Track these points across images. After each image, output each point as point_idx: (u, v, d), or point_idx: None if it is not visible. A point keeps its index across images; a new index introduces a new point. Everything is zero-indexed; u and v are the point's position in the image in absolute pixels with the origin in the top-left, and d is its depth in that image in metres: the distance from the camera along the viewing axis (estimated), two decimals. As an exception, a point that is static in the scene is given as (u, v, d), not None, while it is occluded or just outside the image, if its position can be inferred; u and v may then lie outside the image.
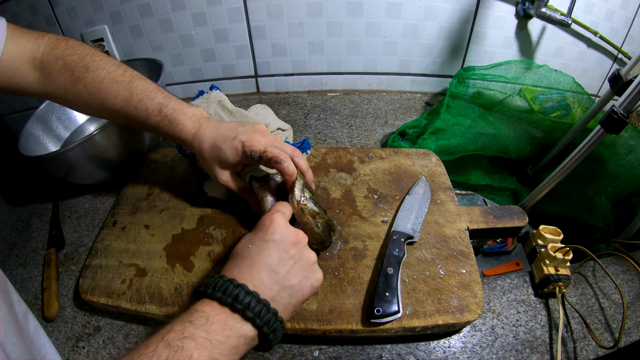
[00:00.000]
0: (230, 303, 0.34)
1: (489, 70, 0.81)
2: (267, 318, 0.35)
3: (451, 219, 0.56)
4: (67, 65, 0.48)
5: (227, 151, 0.48)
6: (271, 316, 0.35)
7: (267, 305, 0.35)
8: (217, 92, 0.70)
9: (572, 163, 0.59)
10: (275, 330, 0.35)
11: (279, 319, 0.36)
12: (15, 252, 0.62)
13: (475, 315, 0.45)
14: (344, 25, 0.84)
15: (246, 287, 0.35)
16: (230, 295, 0.34)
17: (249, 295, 0.34)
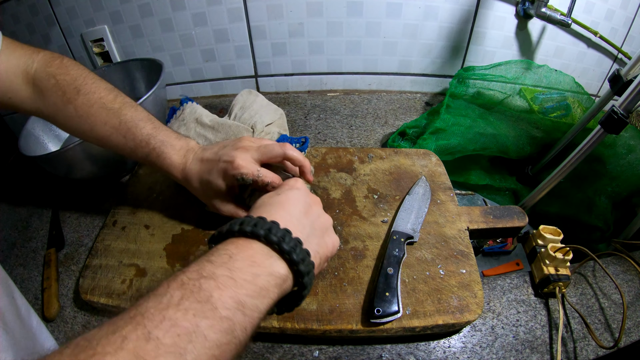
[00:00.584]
0: (264, 235, 0.30)
1: (489, 70, 0.81)
2: (302, 255, 0.31)
3: (451, 219, 0.56)
4: (59, 84, 0.47)
5: (216, 181, 0.47)
6: (305, 254, 0.32)
7: (301, 243, 0.32)
8: (191, 107, 0.68)
9: (572, 163, 0.59)
10: (309, 272, 0.32)
11: (312, 262, 0.33)
12: (15, 252, 0.62)
13: (475, 315, 0.45)
14: (344, 25, 0.84)
15: (278, 224, 0.32)
16: (263, 227, 0.31)
17: (283, 230, 0.31)
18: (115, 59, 0.89)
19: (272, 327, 0.45)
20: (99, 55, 0.89)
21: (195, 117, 0.66)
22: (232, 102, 0.71)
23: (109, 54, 0.89)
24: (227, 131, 0.65)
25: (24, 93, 0.47)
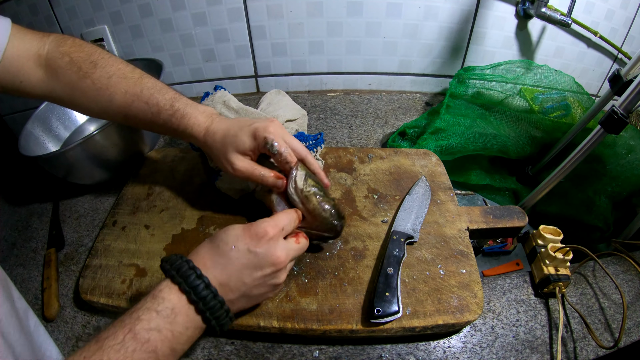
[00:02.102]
0: (201, 310, 0.35)
1: (489, 70, 0.81)
2: (221, 319, 0.37)
3: (451, 219, 0.56)
4: (73, 61, 0.47)
5: (244, 137, 0.47)
6: (224, 316, 0.37)
7: (225, 309, 0.37)
8: (222, 92, 0.70)
9: (572, 163, 0.59)
10: (222, 325, 0.38)
11: (229, 316, 0.38)
12: (15, 252, 0.62)
13: (475, 315, 0.45)
14: (344, 25, 0.84)
15: (214, 290, 0.36)
16: (199, 295, 0.35)
17: (215, 300, 0.36)
18: (115, 59, 0.89)
19: (272, 327, 0.45)
20: (99, 55, 0.89)
21: (223, 100, 0.67)
22: (261, 99, 0.73)
23: (109, 54, 0.89)
24: (250, 117, 0.66)
25: (36, 76, 0.47)
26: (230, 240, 0.39)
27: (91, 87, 0.48)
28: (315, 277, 0.49)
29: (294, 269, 0.50)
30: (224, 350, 0.47)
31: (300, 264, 0.51)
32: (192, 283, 0.35)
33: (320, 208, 0.45)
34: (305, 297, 0.47)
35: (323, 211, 0.45)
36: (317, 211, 0.45)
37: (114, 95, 0.48)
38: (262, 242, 0.39)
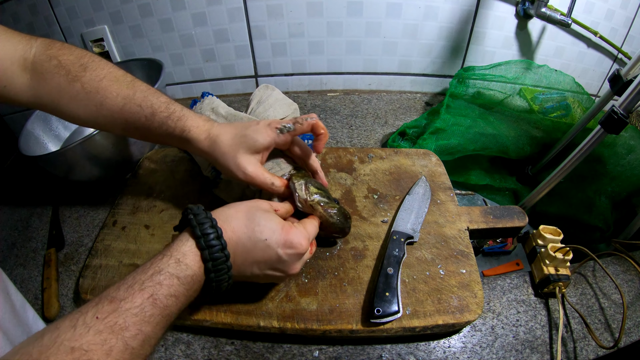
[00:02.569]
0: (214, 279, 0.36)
1: (489, 70, 0.81)
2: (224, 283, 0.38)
3: (451, 219, 0.56)
4: (62, 64, 0.45)
5: (255, 134, 0.46)
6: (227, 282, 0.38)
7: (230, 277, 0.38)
8: (210, 99, 0.69)
9: (572, 163, 0.59)
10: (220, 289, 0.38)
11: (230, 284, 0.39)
12: (15, 252, 0.62)
13: (475, 315, 0.45)
14: (344, 25, 0.84)
15: (230, 265, 0.37)
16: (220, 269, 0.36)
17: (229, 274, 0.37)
18: (115, 59, 0.89)
19: (272, 327, 0.45)
20: (99, 55, 0.89)
21: (212, 107, 0.66)
22: (250, 97, 0.72)
23: (109, 54, 0.89)
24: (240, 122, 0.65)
25: (20, 81, 0.44)
26: (265, 232, 0.39)
27: (80, 91, 0.46)
28: (315, 277, 0.49)
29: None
30: (224, 350, 0.47)
31: (300, 264, 0.51)
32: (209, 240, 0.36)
33: (326, 215, 0.46)
34: (305, 297, 0.47)
35: (330, 217, 0.46)
36: (324, 218, 0.46)
37: (104, 99, 0.46)
38: (293, 253, 0.41)
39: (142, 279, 0.32)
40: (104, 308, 0.29)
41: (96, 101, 0.46)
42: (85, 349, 0.27)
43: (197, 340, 0.48)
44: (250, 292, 0.48)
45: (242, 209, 0.41)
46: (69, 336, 0.27)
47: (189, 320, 0.47)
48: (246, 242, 0.39)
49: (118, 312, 0.29)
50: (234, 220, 0.39)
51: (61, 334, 0.27)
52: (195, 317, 0.46)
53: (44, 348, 0.26)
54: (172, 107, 0.47)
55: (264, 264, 0.40)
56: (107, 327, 0.28)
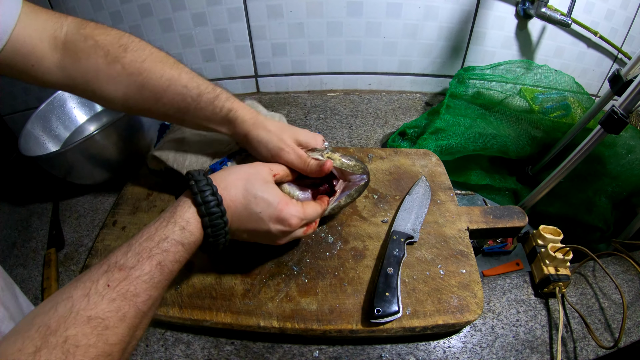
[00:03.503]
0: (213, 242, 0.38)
1: (489, 70, 0.81)
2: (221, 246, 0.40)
3: (451, 219, 0.56)
4: (99, 45, 0.43)
5: (299, 131, 0.50)
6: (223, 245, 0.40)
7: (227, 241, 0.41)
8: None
9: (572, 163, 0.59)
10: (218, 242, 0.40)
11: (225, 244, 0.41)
12: (15, 252, 0.62)
13: (475, 315, 0.45)
14: (344, 25, 0.84)
15: (227, 230, 0.39)
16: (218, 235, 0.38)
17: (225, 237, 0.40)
18: (115, 59, 0.89)
19: (272, 327, 0.45)
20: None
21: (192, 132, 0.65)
22: None
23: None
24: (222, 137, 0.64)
25: (51, 60, 0.43)
26: (261, 205, 0.41)
27: (121, 72, 0.44)
28: (315, 277, 0.49)
29: (294, 268, 0.50)
30: (224, 350, 0.47)
31: (301, 264, 0.51)
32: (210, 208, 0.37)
33: (347, 160, 0.50)
34: (305, 297, 0.47)
35: (349, 160, 0.50)
36: (345, 164, 0.49)
37: (148, 80, 0.45)
38: (282, 229, 0.42)
39: (150, 247, 0.34)
40: (115, 276, 0.31)
41: (138, 82, 0.45)
42: (102, 317, 0.28)
43: (197, 340, 0.48)
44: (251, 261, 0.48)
45: (242, 176, 0.42)
46: (83, 305, 0.28)
47: (189, 321, 0.47)
48: (242, 211, 0.41)
49: (129, 279, 0.31)
50: (232, 189, 0.41)
51: (75, 303, 0.28)
52: (195, 317, 0.46)
53: (61, 319, 0.27)
54: (218, 89, 0.49)
55: (254, 232, 0.43)
56: (119, 295, 0.30)
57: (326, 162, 0.47)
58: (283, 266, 0.51)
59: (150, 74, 0.45)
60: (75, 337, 0.26)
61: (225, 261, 0.52)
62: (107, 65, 0.44)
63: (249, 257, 0.52)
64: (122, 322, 0.29)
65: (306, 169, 0.48)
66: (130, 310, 0.30)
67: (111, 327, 0.29)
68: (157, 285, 0.33)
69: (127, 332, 0.30)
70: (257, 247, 0.53)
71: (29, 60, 0.41)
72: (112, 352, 0.28)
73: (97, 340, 0.27)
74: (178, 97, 0.47)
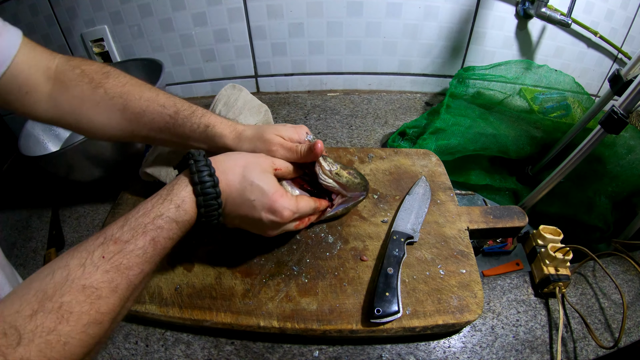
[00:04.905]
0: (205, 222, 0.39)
1: (489, 70, 0.81)
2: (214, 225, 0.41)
3: (451, 219, 0.56)
4: (85, 72, 0.47)
5: (282, 127, 0.49)
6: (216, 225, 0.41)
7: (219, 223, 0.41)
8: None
9: (572, 163, 0.59)
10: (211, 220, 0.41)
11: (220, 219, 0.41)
12: (15, 252, 0.62)
13: (475, 315, 0.45)
14: (344, 25, 0.84)
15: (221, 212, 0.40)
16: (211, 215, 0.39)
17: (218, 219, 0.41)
18: (115, 59, 0.89)
19: (272, 327, 0.45)
20: (99, 55, 0.89)
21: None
22: (216, 97, 0.69)
23: (109, 54, 0.89)
24: None
25: (42, 89, 0.46)
26: (255, 193, 0.42)
27: (104, 96, 0.47)
28: (315, 277, 0.49)
29: (294, 268, 0.50)
30: (224, 350, 0.47)
31: (300, 264, 0.51)
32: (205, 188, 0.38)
33: (352, 177, 0.50)
34: (305, 297, 0.47)
35: (354, 178, 0.50)
36: (350, 181, 0.50)
37: (128, 102, 0.48)
38: (274, 220, 0.43)
39: (145, 222, 0.35)
40: (109, 248, 0.32)
41: (120, 105, 0.48)
42: (95, 286, 0.30)
43: (197, 340, 0.48)
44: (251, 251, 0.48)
45: (241, 163, 0.43)
46: (79, 274, 0.30)
47: (189, 321, 0.47)
48: (236, 197, 0.42)
49: (123, 252, 0.32)
50: (230, 174, 0.41)
51: (71, 272, 0.30)
52: (195, 317, 0.46)
53: (57, 285, 0.29)
54: (194, 106, 0.50)
55: (246, 219, 0.43)
56: (113, 267, 0.31)
57: (316, 143, 0.46)
58: (283, 266, 0.51)
59: (130, 95, 0.48)
60: (69, 304, 0.28)
61: (225, 261, 0.52)
62: (92, 91, 0.47)
63: (249, 257, 0.52)
64: (114, 293, 0.31)
65: (299, 157, 0.48)
66: (122, 282, 0.32)
67: (104, 297, 0.30)
68: (150, 260, 0.34)
69: (118, 303, 0.31)
70: (257, 246, 0.53)
71: (23, 88, 0.45)
72: (103, 321, 0.30)
73: (89, 308, 0.29)
74: (157, 116, 0.49)
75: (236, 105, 0.67)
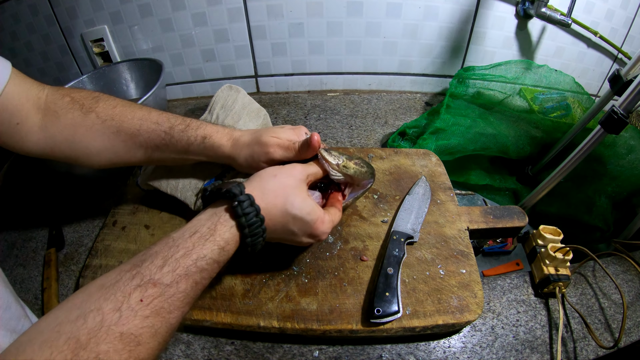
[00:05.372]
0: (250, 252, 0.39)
1: (489, 70, 0.81)
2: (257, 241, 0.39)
3: (451, 219, 0.56)
4: (74, 99, 0.47)
5: (280, 130, 0.49)
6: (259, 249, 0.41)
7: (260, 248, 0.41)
8: None
9: (572, 163, 0.59)
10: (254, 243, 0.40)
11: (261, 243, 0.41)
12: (15, 252, 0.62)
13: (475, 315, 0.45)
14: (344, 25, 0.84)
15: (265, 237, 0.40)
16: (254, 249, 0.39)
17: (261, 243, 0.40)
18: (115, 59, 0.89)
19: (272, 327, 0.45)
20: (99, 55, 0.89)
21: None
22: (213, 99, 0.68)
23: (109, 54, 0.89)
24: None
25: (33, 120, 0.46)
26: (298, 224, 0.41)
27: (96, 121, 0.47)
28: (315, 277, 0.49)
29: (294, 268, 0.50)
30: (224, 350, 0.47)
31: (301, 264, 0.51)
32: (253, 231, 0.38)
33: (359, 167, 0.49)
34: (305, 297, 0.47)
35: (361, 167, 0.49)
36: (358, 171, 0.49)
37: (121, 123, 0.47)
38: (312, 241, 0.44)
39: (186, 265, 0.33)
40: (149, 292, 0.30)
41: (113, 128, 0.48)
42: (134, 333, 0.28)
43: (197, 340, 0.48)
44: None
45: (281, 193, 0.41)
46: (115, 320, 0.28)
47: (189, 320, 0.47)
48: (278, 228, 0.41)
49: (163, 297, 0.31)
50: (272, 209, 0.40)
51: (106, 317, 0.28)
52: (195, 317, 0.46)
53: (91, 332, 0.26)
54: (188, 119, 0.50)
55: (284, 241, 0.44)
56: (153, 312, 0.30)
57: (312, 136, 0.45)
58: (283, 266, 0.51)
59: (122, 117, 0.48)
60: (107, 354, 0.26)
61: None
62: (83, 116, 0.47)
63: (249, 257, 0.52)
64: (154, 338, 0.29)
65: (297, 154, 0.48)
66: (162, 326, 0.30)
67: (143, 343, 0.29)
68: (190, 301, 0.33)
69: (158, 347, 0.30)
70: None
71: (14, 118, 0.44)
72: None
73: (128, 357, 0.27)
74: (152, 134, 0.48)
75: (234, 108, 0.66)
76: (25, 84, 0.46)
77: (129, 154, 0.50)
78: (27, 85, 0.46)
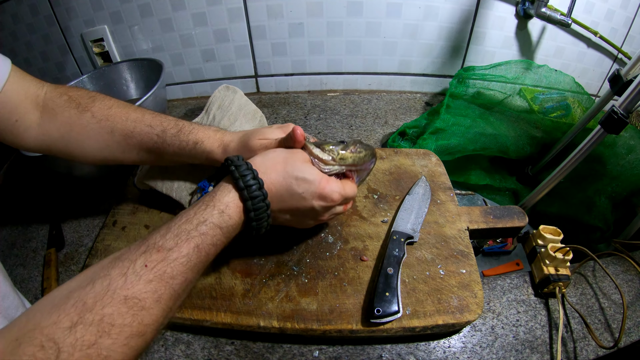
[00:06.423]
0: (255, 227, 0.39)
1: (489, 70, 0.81)
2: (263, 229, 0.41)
3: (451, 219, 0.56)
4: (72, 98, 0.48)
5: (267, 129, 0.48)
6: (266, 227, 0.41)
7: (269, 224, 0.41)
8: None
9: (572, 163, 0.59)
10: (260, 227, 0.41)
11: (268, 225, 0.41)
12: (15, 252, 0.62)
13: (475, 315, 0.45)
14: (344, 25, 0.84)
15: (269, 213, 0.40)
16: (261, 218, 0.39)
17: (268, 220, 0.40)
18: (115, 59, 0.89)
19: (272, 327, 0.45)
20: (99, 55, 0.89)
21: None
22: (210, 99, 0.68)
23: (109, 54, 0.89)
24: None
25: (31, 117, 0.47)
26: (302, 186, 0.41)
27: (91, 120, 0.48)
28: (315, 277, 0.49)
29: (294, 268, 0.50)
30: (224, 350, 0.47)
31: (301, 264, 0.51)
32: (252, 192, 0.38)
33: (357, 153, 0.47)
34: (305, 297, 0.47)
35: (359, 153, 0.48)
36: (356, 157, 0.47)
37: (115, 124, 0.48)
38: (325, 205, 0.43)
39: (188, 229, 0.34)
40: (152, 257, 0.31)
41: (107, 128, 0.48)
42: (138, 297, 0.29)
43: (197, 340, 0.48)
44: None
45: (280, 160, 0.42)
46: (120, 284, 0.28)
47: (189, 321, 0.47)
48: (283, 193, 0.41)
49: (166, 261, 0.31)
50: (272, 173, 0.41)
51: (113, 281, 0.28)
52: (195, 317, 0.46)
53: (98, 296, 0.27)
54: (181, 123, 0.50)
55: (297, 211, 0.43)
56: (156, 276, 0.30)
57: (294, 129, 0.45)
58: (283, 266, 0.51)
59: (116, 118, 0.48)
60: (111, 316, 0.27)
61: (225, 261, 0.52)
62: (79, 115, 0.48)
63: (249, 257, 0.52)
64: (158, 304, 0.30)
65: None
66: (166, 291, 0.31)
67: (147, 307, 0.29)
68: (194, 267, 0.33)
69: (162, 314, 0.30)
70: (257, 246, 0.53)
71: (13, 115, 0.45)
72: (146, 332, 0.29)
73: (132, 320, 0.28)
74: (145, 136, 0.49)
75: (231, 109, 0.66)
76: (25, 82, 0.46)
77: (124, 154, 0.51)
78: (26, 82, 0.46)
